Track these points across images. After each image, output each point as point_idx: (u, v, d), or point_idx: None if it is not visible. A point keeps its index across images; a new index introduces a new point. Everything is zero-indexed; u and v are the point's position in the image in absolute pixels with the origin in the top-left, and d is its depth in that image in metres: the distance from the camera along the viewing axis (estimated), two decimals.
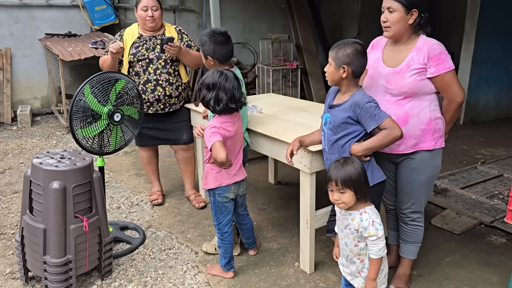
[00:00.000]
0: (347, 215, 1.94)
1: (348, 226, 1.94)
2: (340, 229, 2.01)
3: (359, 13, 8.26)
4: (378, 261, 1.91)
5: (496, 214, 3.37)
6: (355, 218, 1.91)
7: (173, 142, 3.56)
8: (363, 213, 1.90)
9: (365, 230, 1.87)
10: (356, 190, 1.86)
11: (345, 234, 1.96)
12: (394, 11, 2.14)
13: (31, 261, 2.39)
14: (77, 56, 5.48)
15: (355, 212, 1.92)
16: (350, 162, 1.89)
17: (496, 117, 6.91)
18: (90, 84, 2.52)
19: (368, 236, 1.87)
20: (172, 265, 2.75)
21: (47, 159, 2.35)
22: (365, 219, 1.88)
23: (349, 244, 1.96)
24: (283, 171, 2.53)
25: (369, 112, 2.05)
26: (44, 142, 5.37)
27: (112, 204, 3.63)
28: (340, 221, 1.99)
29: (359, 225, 1.89)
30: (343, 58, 2.08)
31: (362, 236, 1.90)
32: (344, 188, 1.86)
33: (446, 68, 2.13)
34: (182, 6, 7.51)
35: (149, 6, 3.21)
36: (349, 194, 1.86)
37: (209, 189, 2.49)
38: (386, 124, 2.03)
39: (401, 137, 2.04)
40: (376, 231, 1.86)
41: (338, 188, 1.87)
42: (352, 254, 1.97)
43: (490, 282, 2.57)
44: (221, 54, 2.68)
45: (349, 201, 1.88)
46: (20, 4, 6.35)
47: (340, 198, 1.88)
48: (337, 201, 1.89)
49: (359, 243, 1.93)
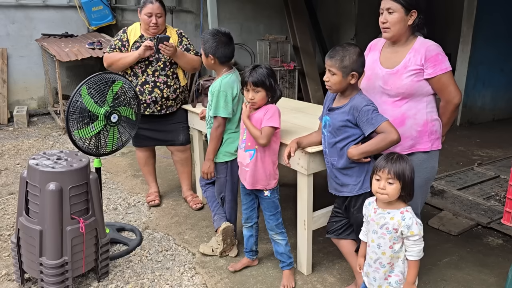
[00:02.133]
0: (385, 214, 1.89)
1: (385, 225, 1.88)
2: (373, 231, 1.94)
3: (356, 14, 8.27)
4: (417, 263, 1.88)
5: (493, 215, 3.37)
6: (395, 217, 1.87)
7: (170, 143, 3.55)
8: (405, 212, 1.87)
9: (409, 229, 1.83)
10: (403, 186, 1.85)
11: (379, 234, 1.90)
12: (394, 12, 2.14)
13: (27, 263, 2.38)
14: (74, 56, 5.47)
15: (395, 211, 1.88)
16: (405, 158, 1.89)
17: (492, 118, 6.94)
18: (87, 85, 2.51)
19: (411, 235, 1.83)
20: (169, 266, 2.74)
21: (44, 160, 2.34)
22: (408, 218, 1.85)
23: (383, 245, 1.90)
24: (281, 173, 2.52)
25: (367, 116, 2.05)
26: (40, 143, 5.35)
27: (109, 205, 3.62)
28: (374, 221, 1.93)
29: (399, 224, 1.85)
30: (352, 65, 2.06)
31: (400, 236, 1.86)
32: (394, 179, 1.83)
33: (443, 69, 2.14)
34: (180, 7, 7.50)
35: (153, 13, 3.19)
36: (396, 187, 1.84)
37: (271, 189, 2.47)
38: (382, 128, 2.03)
39: (397, 141, 2.04)
40: (419, 231, 1.85)
41: (388, 177, 1.84)
42: (384, 257, 1.91)
43: (487, 284, 2.58)
44: (222, 54, 2.67)
45: (393, 194, 1.85)
46: (17, 4, 6.33)
47: (386, 188, 1.85)
48: (381, 190, 1.86)
49: (394, 245, 1.88)
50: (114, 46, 3.27)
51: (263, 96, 2.36)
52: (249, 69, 2.39)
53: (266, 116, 2.36)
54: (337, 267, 2.73)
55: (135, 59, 3.16)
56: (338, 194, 2.28)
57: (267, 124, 2.35)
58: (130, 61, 3.18)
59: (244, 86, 2.39)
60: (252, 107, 2.40)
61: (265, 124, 2.35)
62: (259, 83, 2.33)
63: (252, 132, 2.36)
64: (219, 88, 2.64)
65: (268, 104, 2.41)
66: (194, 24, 7.74)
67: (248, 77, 2.35)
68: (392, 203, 1.90)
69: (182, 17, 7.62)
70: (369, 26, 6.12)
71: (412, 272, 1.89)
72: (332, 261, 2.79)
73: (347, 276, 2.62)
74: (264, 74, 2.32)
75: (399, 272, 1.91)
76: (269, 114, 2.36)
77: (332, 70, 2.09)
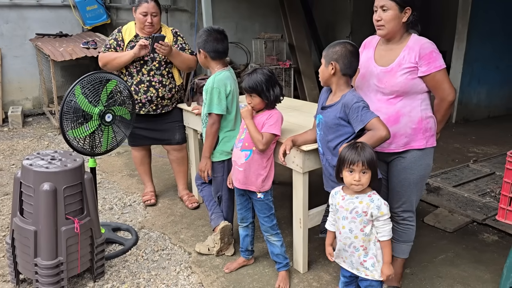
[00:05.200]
0: (353, 199, 1.94)
1: (354, 209, 1.93)
2: (343, 217, 1.97)
3: (351, 12, 8.28)
4: (389, 243, 1.94)
5: (488, 212, 3.39)
6: (364, 200, 1.92)
7: (166, 142, 3.54)
8: (372, 194, 1.93)
9: (379, 209, 1.89)
10: (373, 172, 1.90)
11: (350, 219, 1.95)
12: (388, 10, 2.14)
13: (22, 264, 2.37)
14: (69, 56, 5.45)
15: (363, 195, 1.94)
16: (366, 145, 1.92)
17: (488, 115, 6.97)
18: (81, 84, 2.50)
19: (381, 215, 1.89)
20: (165, 266, 2.74)
21: (38, 160, 2.32)
22: (376, 199, 1.91)
23: (355, 229, 1.94)
24: (276, 171, 2.52)
25: (357, 113, 2.05)
26: (35, 143, 5.33)
27: (104, 205, 3.61)
28: (343, 208, 1.97)
29: (368, 206, 1.90)
30: (331, 55, 2.13)
31: (370, 218, 1.91)
32: (367, 169, 1.88)
33: (437, 67, 2.14)
34: (175, 6, 7.48)
35: (149, 12, 3.18)
36: (369, 175, 1.90)
37: (265, 191, 2.46)
38: (372, 125, 2.03)
39: (386, 138, 2.03)
40: (387, 210, 1.91)
41: (362, 168, 1.87)
42: (356, 240, 1.95)
43: (482, 280, 2.59)
44: (211, 48, 2.67)
45: (367, 182, 1.90)
46: (10, 4, 6.30)
47: (360, 178, 1.88)
48: (356, 181, 1.89)
49: (365, 228, 1.93)
50: (109, 46, 3.25)
51: (259, 101, 2.36)
52: (247, 73, 2.41)
53: (269, 121, 2.35)
54: (333, 265, 2.73)
55: (131, 59, 3.15)
56: None
57: (269, 130, 2.34)
58: (126, 61, 3.16)
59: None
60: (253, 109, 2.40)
61: (267, 130, 2.34)
62: (251, 89, 2.33)
63: (254, 135, 2.35)
64: (212, 85, 2.64)
65: (273, 109, 2.41)
66: (189, 23, 7.73)
67: (242, 82, 2.38)
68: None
69: (177, 16, 7.60)
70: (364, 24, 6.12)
71: (386, 251, 1.95)
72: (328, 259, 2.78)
73: None
74: (257, 80, 2.32)
75: (372, 255, 1.97)
76: (272, 120, 2.36)
77: (322, 61, 2.19)
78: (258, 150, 2.38)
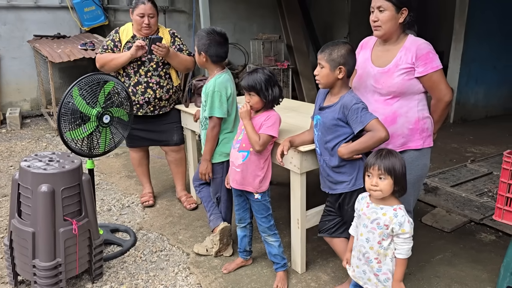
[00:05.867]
0: (378, 209, 1.89)
1: (376, 220, 1.88)
2: (363, 224, 1.93)
3: (349, 13, 8.28)
4: (405, 262, 1.88)
5: (486, 211, 3.40)
6: (387, 213, 1.86)
7: (164, 143, 3.55)
8: (398, 209, 1.86)
9: (401, 226, 1.82)
10: (396, 181, 1.84)
11: (369, 229, 1.90)
12: (384, 10, 2.15)
13: (20, 265, 2.37)
14: (67, 57, 5.44)
15: (388, 207, 1.87)
16: (395, 153, 1.89)
17: (485, 115, 6.98)
18: (78, 86, 2.50)
19: (402, 233, 1.83)
20: (163, 267, 2.74)
21: (35, 162, 2.32)
22: (400, 215, 1.84)
23: (372, 240, 1.89)
24: (274, 171, 2.52)
25: (356, 114, 2.06)
26: (33, 144, 5.32)
27: (103, 206, 3.61)
28: (366, 215, 1.92)
29: (391, 220, 1.84)
30: (339, 59, 2.08)
31: (391, 233, 1.85)
32: (386, 175, 1.83)
33: (434, 67, 2.15)
34: (172, 7, 7.48)
35: (146, 13, 3.18)
36: (388, 182, 1.83)
37: (263, 192, 2.46)
38: (371, 126, 2.04)
39: (386, 139, 2.04)
40: (410, 229, 1.84)
41: (379, 173, 1.83)
42: (371, 251, 1.90)
43: (480, 279, 2.59)
44: (214, 52, 2.66)
45: (387, 189, 1.84)
46: (8, 5, 6.29)
47: (378, 184, 1.84)
48: (374, 187, 1.85)
49: (383, 241, 1.87)
50: (106, 47, 3.25)
51: (258, 100, 2.36)
52: (247, 72, 2.41)
53: (266, 123, 2.36)
54: (331, 265, 2.73)
55: (128, 59, 3.15)
56: (331, 192, 2.28)
57: (266, 131, 2.35)
58: (123, 62, 3.16)
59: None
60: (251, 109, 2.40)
61: (265, 131, 2.35)
62: (251, 88, 2.34)
63: (251, 136, 2.35)
64: (214, 88, 2.63)
65: (271, 110, 2.42)
66: (187, 24, 7.73)
67: (242, 80, 2.38)
68: (386, 199, 1.89)
69: (175, 17, 7.60)
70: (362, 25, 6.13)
71: (399, 270, 1.89)
72: (326, 259, 2.79)
73: (341, 274, 2.63)
74: (257, 79, 2.33)
75: (387, 271, 1.91)
76: (270, 121, 2.36)
77: (321, 63, 2.12)
78: (254, 151, 2.38)
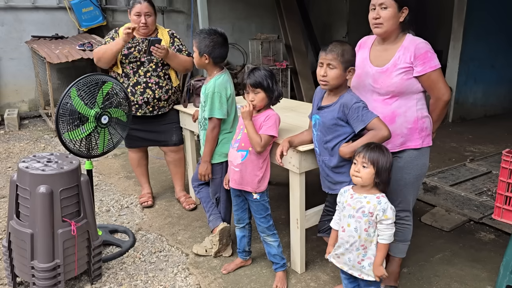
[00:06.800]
0: (361, 198, 1.95)
1: (361, 209, 1.94)
2: (349, 215, 1.98)
3: (347, 12, 8.29)
4: (386, 246, 1.95)
5: (485, 210, 3.40)
6: (371, 201, 1.93)
7: (163, 143, 3.54)
8: (381, 197, 1.94)
9: (384, 212, 1.90)
10: (378, 172, 1.90)
11: (356, 218, 1.95)
12: (387, 8, 2.14)
13: (19, 267, 2.36)
14: (65, 58, 5.43)
15: (371, 195, 1.95)
16: (384, 149, 1.95)
17: (484, 114, 6.99)
18: (76, 86, 2.49)
19: (385, 219, 1.90)
20: (162, 267, 2.73)
21: (34, 163, 2.32)
22: (384, 202, 1.92)
23: (359, 229, 1.95)
24: (273, 172, 2.52)
25: (357, 113, 2.06)
26: (32, 145, 5.31)
27: (101, 207, 3.60)
28: (350, 206, 1.98)
29: (375, 207, 1.91)
30: (351, 60, 2.10)
31: (375, 220, 1.92)
32: (368, 164, 1.90)
33: (432, 66, 2.14)
34: (171, 7, 7.48)
35: (142, 12, 3.17)
36: (369, 171, 1.90)
37: (261, 192, 2.46)
38: (373, 125, 2.04)
39: (388, 138, 2.05)
40: (392, 215, 1.92)
41: (363, 161, 1.91)
42: (359, 240, 1.96)
43: (479, 279, 2.59)
44: (217, 54, 2.66)
45: (367, 178, 1.91)
46: (6, 6, 6.28)
47: (360, 171, 1.91)
48: (356, 173, 1.93)
49: (369, 228, 1.94)
50: (105, 43, 3.24)
51: (263, 97, 2.36)
52: (248, 71, 2.41)
53: (266, 123, 2.35)
54: (331, 265, 2.72)
55: (121, 47, 3.10)
56: (331, 192, 2.28)
57: (267, 132, 2.34)
58: (117, 50, 3.12)
59: (244, 89, 2.40)
60: (254, 109, 2.39)
61: (265, 131, 2.34)
62: (257, 84, 2.33)
63: (253, 137, 2.34)
64: (213, 89, 2.62)
65: (270, 110, 2.41)
66: (185, 24, 7.72)
67: (246, 79, 2.37)
68: (368, 189, 1.96)
69: (173, 17, 7.60)
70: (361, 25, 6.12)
71: (380, 254, 1.96)
72: (325, 259, 2.78)
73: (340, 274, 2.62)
74: (262, 75, 2.34)
75: (372, 255, 1.98)
76: (270, 121, 2.36)
77: (332, 63, 2.07)
78: (255, 152, 2.38)
